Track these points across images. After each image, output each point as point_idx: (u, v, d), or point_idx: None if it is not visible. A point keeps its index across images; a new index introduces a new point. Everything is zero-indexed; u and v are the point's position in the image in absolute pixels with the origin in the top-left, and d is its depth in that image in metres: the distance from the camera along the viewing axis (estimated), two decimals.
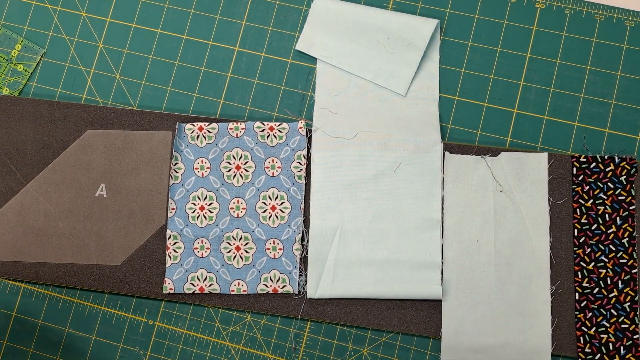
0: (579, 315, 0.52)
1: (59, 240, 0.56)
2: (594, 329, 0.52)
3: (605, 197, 0.53)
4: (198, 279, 0.55)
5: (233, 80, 0.58)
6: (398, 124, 0.55)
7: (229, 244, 0.55)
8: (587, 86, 0.56)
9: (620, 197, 0.53)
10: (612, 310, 0.52)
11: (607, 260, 0.52)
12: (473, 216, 0.53)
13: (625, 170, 0.53)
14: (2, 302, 0.57)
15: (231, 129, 0.56)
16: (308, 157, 0.56)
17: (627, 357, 0.51)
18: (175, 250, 0.55)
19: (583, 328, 0.52)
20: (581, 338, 0.52)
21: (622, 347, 0.51)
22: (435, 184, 0.54)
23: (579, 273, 0.52)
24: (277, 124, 0.56)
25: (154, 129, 0.57)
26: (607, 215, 0.53)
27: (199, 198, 0.55)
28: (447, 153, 0.55)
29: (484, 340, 0.52)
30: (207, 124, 0.56)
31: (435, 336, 0.53)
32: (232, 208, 0.55)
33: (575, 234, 0.53)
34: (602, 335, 0.51)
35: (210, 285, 0.54)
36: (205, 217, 0.55)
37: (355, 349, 0.54)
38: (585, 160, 0.54)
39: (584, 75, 0.56)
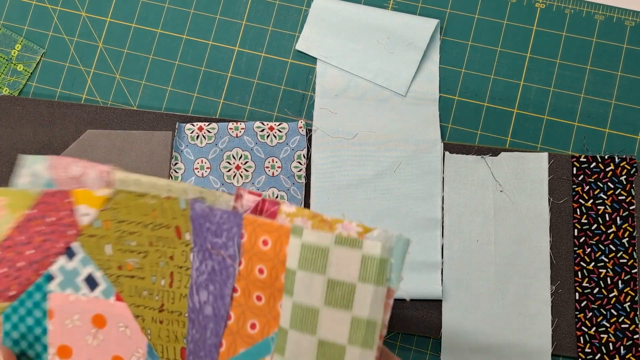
0: (579, 315, 0.52)
1: None
2: (594, 329, 0.52)
3: (605, 197, 0.53)
4: None
5: (233, 80, 0.58)
6: (398, 124, 0.55)
7: None
8: (587, 86, 0.55)
9: (620, 197, 0.53)
10: (612, 310, 0.52)
11: (607, 260, 0.52)
12: (473, 216, 0.53)
13: (626, 170, 0.53)
14: None
15: (231, 129, 0.56)
16: (308, 157, 0.56)
17: (627, 357, 0.51)
18: None
19: (583, 328, 0.52)
20: (581, 338, 0.52)
21: (622, 347, 0.51)
22: (435, 184, 0.54)
23: (579, 273, 0.52)
24: (277, 123, 0.56)
25: (154, 128, 0.57)
26: (607, 215, 0.53)
27: None
28: (447, 153, 0.55)
29: (484, 340, 0.52)
30: (207, 124, 0.56)
31: (435, 336, 0.53)
32: None
33: (575, 233, 0.53)
34: (602, 335, 0.51)
35: None
36: None
37: None
38: (585, 160, 0.54)
39: (584, 75, 0.56)
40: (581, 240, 0.53)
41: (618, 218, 0.53)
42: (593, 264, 0.52)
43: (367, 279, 0.27)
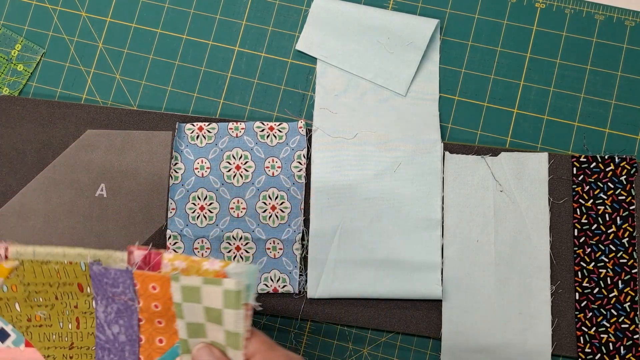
0: (579, 315, 0.52)
1: (59, 241, 0.56)
2: (594, 328, 0.52)
3: (605, 197, 0.53)
4: None
5: (233, 80, 0.58)
6: (398, 124, 0.55)
7: (229, 244, 0.55)
8: (587, 86, 0.56)
9: (620, 197, 0.53)
10: (612, 310, 0.52)
11: (607, 260, 0.52)
12: (473, 216, 0.54)
13: (626, 170, 0.53)
14: None
15: (231, 129, 0.56)
16: (308, 157, 0.56)
17: (627, 357, 0.51)
18: (175, 251, 0.55)
19: (583, 328, 0.52)
20: (581, 338, 0.52)
21: (622, 347, 0.51)
22: (436, 184, 0.54)
23: (579, 273, 0.52)
24: (277, 123, 0.56)
25: (154, 128, 0.57)
26: (607, 215, 0.53)
27: (199, 198, 0.55)
28: (447, 153, 0.55)
29: (484, 340, 0.52)
30: (207, 124, 0.56)
31: (435, 336, 0.53)
32: (232, 208, 0.55)
33: (575, 233, 0.53)
34: (602, 335, 0.51)
35: None
36: (205, 217, 0.55)
37: (355, 349, 0.54)
38: (585, 160, 0.54)
39: (584, 75, 0.56)
40: (581, 240, 0.53)
41: (618, 218, 0.53)
42: (593, 264, 0.52)
43: (229, 306, 0.37)
